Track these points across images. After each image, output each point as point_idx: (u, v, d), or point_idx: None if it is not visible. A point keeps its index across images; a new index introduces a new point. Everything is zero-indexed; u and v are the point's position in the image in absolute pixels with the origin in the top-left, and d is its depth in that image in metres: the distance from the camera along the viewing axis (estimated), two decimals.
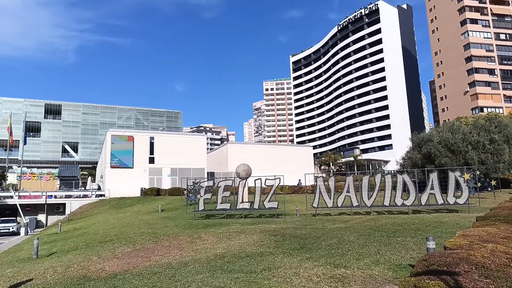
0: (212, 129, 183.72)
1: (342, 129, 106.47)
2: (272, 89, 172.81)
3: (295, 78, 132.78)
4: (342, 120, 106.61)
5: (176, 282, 7.12)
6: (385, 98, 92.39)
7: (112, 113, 77.82)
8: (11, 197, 39.17)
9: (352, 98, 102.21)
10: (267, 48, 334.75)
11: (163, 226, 16.17)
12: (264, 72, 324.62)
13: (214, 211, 18.42)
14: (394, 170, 33.71)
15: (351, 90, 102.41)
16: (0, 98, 69.99)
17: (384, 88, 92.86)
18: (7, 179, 59.69)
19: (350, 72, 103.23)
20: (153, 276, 7.76)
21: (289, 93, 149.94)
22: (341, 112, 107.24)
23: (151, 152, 43.55)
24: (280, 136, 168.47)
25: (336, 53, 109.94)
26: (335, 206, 17.36)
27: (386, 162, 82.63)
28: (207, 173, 44.37)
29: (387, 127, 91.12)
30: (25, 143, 50.46)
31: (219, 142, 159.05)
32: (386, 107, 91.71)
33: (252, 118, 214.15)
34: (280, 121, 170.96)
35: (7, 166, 55.55)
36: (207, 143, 52.24)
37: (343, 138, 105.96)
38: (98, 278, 8.16)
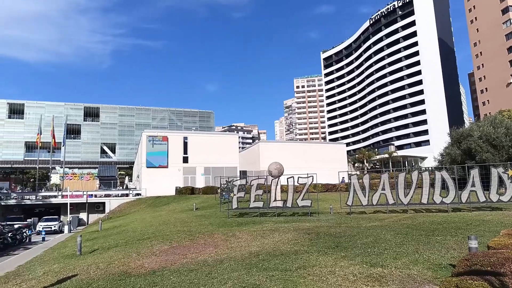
0: (244, 128, 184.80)
1: (376, 125, 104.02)
2: (303, 87, 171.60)
3: (327, 75, 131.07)
4: (376, 116, 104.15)
5: (213, 279, 7.26)
6: (421, 92, 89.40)
7: (147, 114, 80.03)
8: (55, 196, 41.25)
9: (386, 93, 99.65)
10: (298, 45, 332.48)
11: (198, 224, 16.47)
12: (295, 69, 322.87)
13: (247, 209, 18.56)
14: (431, 167, 32.55)
15: (385, 85, 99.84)
16: (43, 102, 73.71)
17: (419, 82, 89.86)
18: (50, 180, 62.91)
19: (383, 67, 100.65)
20: (190, 273, 7.95)
21: (321, 90, 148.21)
22: (374, 108, 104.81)
23: (185, 151, 44.44)
24: (312, 134, 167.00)
25: (369, 47, 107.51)
26: (370, 204, 17.03)
27: (423, 158, 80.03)
28: (239, 171, 44.72)
29: (424, 122, 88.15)
30: (63, 144, 52.88)
31: (250, 141, 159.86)
32: (422, 102, 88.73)
33: (283, 116, 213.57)
34: (311, 118, 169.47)
35: (50, 167, 58.50)
36: (239, 142, 52.74)
37: (377, 134, 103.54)
38: (138, 274, 8.45)
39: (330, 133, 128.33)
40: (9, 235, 20.85)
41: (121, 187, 53.48)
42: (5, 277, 10.54)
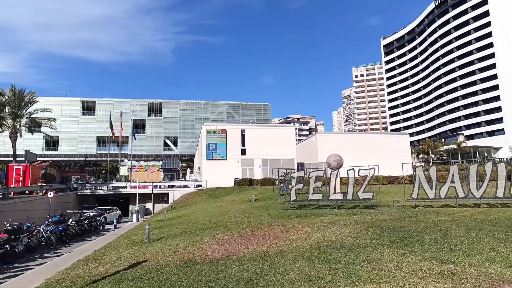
0: (300, 119, 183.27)
1: (443, 114, 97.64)
2: (362, 76, 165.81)
3: (387, 62, 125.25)
4: (442, 105, 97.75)
5: (275, 270, 7.31)
6: (494, 77, 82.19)
7: (206, 108, 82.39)
8: (124, 187, 44.14)
9: (454, 80, 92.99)
10: (356, 33, 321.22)
11: (257, 215, 16.68)
12: (353, 58, 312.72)
13: (306, 201, 18.42)
14: (507, 158, 29.83)
15: (453, 70, 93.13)
16: (112, 99, 78.86)
17: (492, 66, 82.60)
18: (120, 171, 67.42)
19: (450, 51, 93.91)
20: (252, 263, 8.08)
21: (381, 79, 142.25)
22: (440, 96, 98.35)
23: (243, 144, 45.16)
24: (372, 124, 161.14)
25: (434, 31, 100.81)
26: (438, 198, 16.06)
27: (497, 149, 73.81)
28: (297, 163, 44.54)
29: (497, 109, 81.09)
30: (134, 138, 56.25)
31: (307, 132, 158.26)
32: (495, 87, 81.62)
33: (341, 106, 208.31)
34: (371, 108, 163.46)
35: (119, 160, 62.62)
36: (296, 134, 52.41)
37: (443, 124, 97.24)
38: (202, 262, 8.77)
39: (392, 123, 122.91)
40: (85, 222, 22.72)
41: (183, 179, 55.81)
42: (84, 260, 11.51)
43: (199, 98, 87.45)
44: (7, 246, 13.54)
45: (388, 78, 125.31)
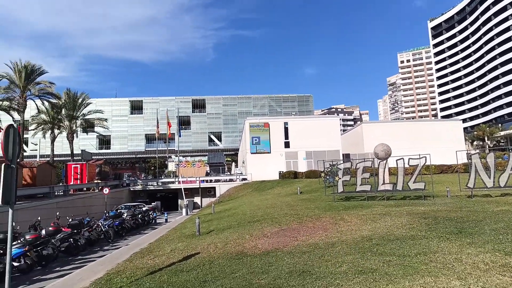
0: (344, 109, 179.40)
1: (499, 97, 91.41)
2: (408, 61, 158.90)
3: (436, 45, 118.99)
4: (498, 87, 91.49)
5: (326, 262, 7.27)
6: None
7: (248, 102, 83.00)
8: (173, 182, 45.68)
9: (510, 60, 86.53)
10: (400, 16, 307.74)
11: (304, 207, 16.62)
12: (398, 43, 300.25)
13: (354, 193, 18.07)
14: None
15: (509, 50, 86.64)
16: (158, 98, 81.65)
17: None
18: (168, 167, 69.84)
19: (507, 29, 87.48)
20: (303, 255, 8.08)
21: (429, 63, 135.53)
22: (496, 78, 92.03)
23: (286, 136, 45.05)
24: (421, 112, 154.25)
25: (487, 9, 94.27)
26: (497, 187, 15.11)
27: None
28: (342, 154, 43.76)
29: None
30: (179, 135, 57.93)
31: (352, 122, 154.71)
32: None
33: (387, 94, 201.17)
34: (419, 94, 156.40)
35: (167, 156, 64.85)
36: (340, 125, 51.40)
37: (500, 108, 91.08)
38: (253, 254, 8.90)
39: (442, 109, 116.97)
40: (139, 217, 23.82)
41: (228, 173, 56.73)
42: (140, 253, 12.10)
43: (241, 93, 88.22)
44: (71, 239, 14.53)
45: (437, 62, 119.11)
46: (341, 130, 56.58)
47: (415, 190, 16.41)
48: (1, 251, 10.37)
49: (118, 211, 23.65)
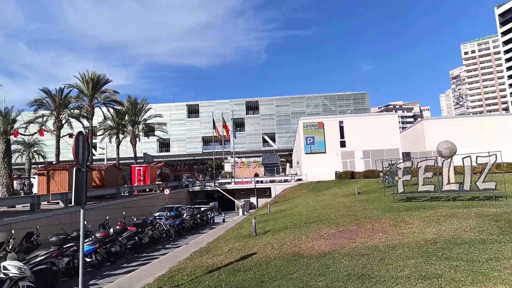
0: (403, 106, 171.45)
1: None
2: (473, 52, 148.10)
3: (504, 33, 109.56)
4: None
5: (387, 265, 6.99)
6: None
7: (301, 102, 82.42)
8: (229, 183, 46.63)
9: None
10: (462, 4, 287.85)
11: (362, 208, 16.13)
12: (460, 33, 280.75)
13: (416, 193, 17.19)
14: None
15: None
16: (213, 101, 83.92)
17: None
18: (224, 168, 71.52)
19: None
20: (362, 258, 7.85)
21: (497, 53, 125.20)
22: None
23: (342, 136, 44.07)
24: (489, 105, 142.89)
25: None
26: None
27: None
28: (402, 153, 41.86)
29: None
30: (235, 136, 59.10)
31: (411, 119, 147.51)
32: None
33: (450, 88, 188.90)
34: (487, 87, 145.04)
35: (223, 157, 66.40)
36: (399, 122, 49.21)
37: None
38: (309, 256, 8.81)
39: None
40: (198, 216, 24.61)
41: (283, 173, 56.75)
42: (200, 252, 12.50)
43: (294, 93, 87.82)
44: (136, 238, 15.40)
45: (506, 51, 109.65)
46: (400, 127, 54.19)
47: (484, 190, 15.23)
48: (75, 248, 11.24)
49: (158, 213, 24.32)
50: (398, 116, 53.96)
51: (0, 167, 30.64)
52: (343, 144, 43.81)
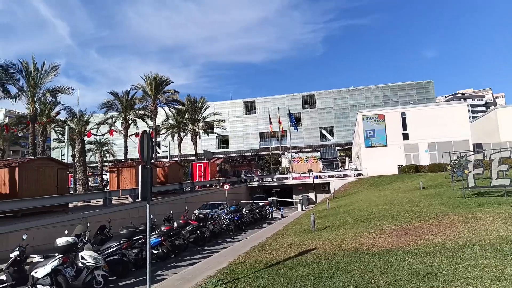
0: (472, 94, 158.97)
1: None
2: None
3: None
4: None
5: (456, 264, 6.56)
6: None
7: (360, 94, 79.73)
8: (287, 178, 46.65)
9: None
10: None
11: (427, 204, 15.29)
12: None
13: (488, 187, 15.89)
14: None
15: None
16: (269, 97, 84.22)
17: None
18: (281, 164, 71.66)
19: None
20: (428, 256, 7.45)
21: None
22: None
23: (404, 128, 41.99)
24: None
25: None
26: None
27: None
28: (473, 145, 38.89)
29: None
30: (296, 129, 58.92)
31: (483, 108, 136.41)
32: None
33: None
34: None
35: (280, 153, 66.55)
36: (468, 111, 45.68)
37: None
38: (371, 252, 8.55)
39: None
40: (256, 211, 24.96)
41: (342, 168, 55.55)
42: (259, 246, 12.67)
43: (352, 85, 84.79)
44: (198, 232, 16.00)
45: None
46: (470, 117, 50.40)
47: None
48: (143, 240, 11.95)
49: (200, 210, 23.12)
50: (468, 105, 50.20)
51: (77, 165, 33.51)
52: (405, 137, 41.74)
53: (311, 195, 43.16)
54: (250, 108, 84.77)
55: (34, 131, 27.61)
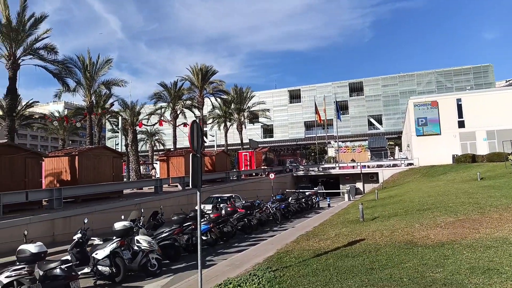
0: None
1: None
2: None
3: None
4: None
5: None
6: None
7: (411, 80, 76.15)
8: (333, 168, 45.95)
9: None
10: None
11: (486, 196, 14.39)
12: None
13: None
14: None
15: None
16: (314, 85, 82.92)
17: None
18: (327, 153, 70.65)
19: None
20: (488, 250, 7.03)
21: None
22: None
23: (460, 115, 39.60)
24: None
25: None
26: None
27: None
28: None
29: None
30: (340, 119, 57.73)
31: None
32: None
33: None
34: None
35: (326, 142, 65.55)
36: None
37: None
38: (424, 245, 8.22)
39: None
40: (303, 201, 24.87)
41: (391, 157, 53.72)
42: (306, 235, 12.63)
43: (401, 71, 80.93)
44: (245, 219, 16.27)
45: None
46: None
47: None
48: (193, 226, 12.35)
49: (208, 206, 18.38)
50: None
51: (130, 154, 35.19)
52: (461, 125, 39.37)
53: (359, 185, 42.22)
54: (295, 96, 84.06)
55: (91, 122, 29.28)
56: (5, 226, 12.11)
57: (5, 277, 6.68)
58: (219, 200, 19.96)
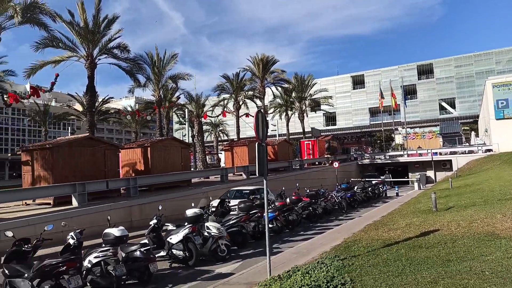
0: None
1: None
2: None
3: None
4: None
5: None
6: None
7: (488, 59, 69.52)
8: (401, 155, 43.89)
9: None
10: None
11: None
12: None
13: None
14: None
15: None
16: (379, 69, 79.17)
17: None
18: (394, 140, 67.51)
19: None
20: None
21: None
22: None
23: None
24: None
25: None
26: None
27: None
28: None
29: None
30: (405, 105, 54.79)
31: None
32: None
33: None
34: None
35: (393, 128, 62.63)
36: None
37: None
38: (508, 237, 7.58)
39: None
40: (369, 190, 24.14)
41: (466, 143, 49.87)
42: (374, 225, 12.28)
43: (477, 50, 74.17)
44: (310, 208, 16.21)
45: None
46: None
47: None
48: (259, 214, 12.60)
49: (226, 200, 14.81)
50: None
51: (196, 144, 36.67)
52: None
53: (430, 173, 39.88)
54: (358, 82, 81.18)
55: (160, 114, 30.93)
56: (90, 212, 13.34)
57: (94, 257, 7.41)
58: (243, 193, 17.09)
